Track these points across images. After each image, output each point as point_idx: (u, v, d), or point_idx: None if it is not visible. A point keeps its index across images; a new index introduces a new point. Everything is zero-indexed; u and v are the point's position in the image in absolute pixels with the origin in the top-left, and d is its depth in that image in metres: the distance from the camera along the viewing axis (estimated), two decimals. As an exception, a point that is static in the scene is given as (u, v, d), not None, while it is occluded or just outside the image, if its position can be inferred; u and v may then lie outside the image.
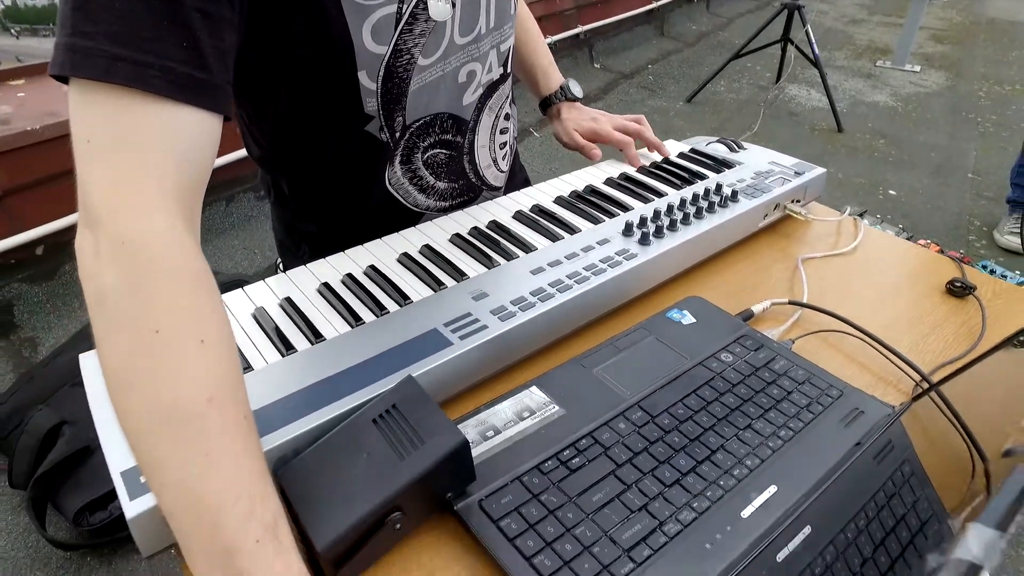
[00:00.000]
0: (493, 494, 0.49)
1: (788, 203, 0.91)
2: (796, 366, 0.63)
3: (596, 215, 0.81)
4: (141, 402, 0.41)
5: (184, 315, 0.42)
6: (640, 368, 0.62)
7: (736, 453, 0.54)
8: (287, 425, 0.51)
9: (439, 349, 0.58)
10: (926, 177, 2.53)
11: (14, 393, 1.23)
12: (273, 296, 0.66)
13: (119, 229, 0.42)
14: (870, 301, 0.79)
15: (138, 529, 0.46)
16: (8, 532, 1.13)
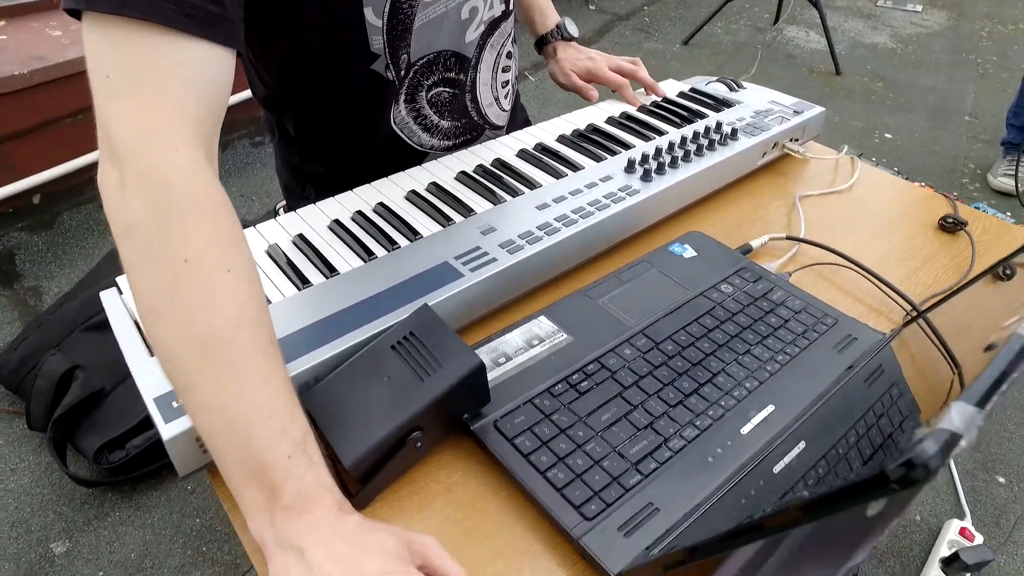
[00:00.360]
0: (507, 415, 0.52)
1: (787, 142, 0.92)
2: (793, 296, 0.66)
3: (598, 153, 0.82)
4: (174, 329, 0.43)
5: (211, 245, 0.43)
6: (644, 299, 0.65)
7: (736, 376, 0.57)
8: (308, 353, 0.53)
9: (451, 281, 0.60)
10: (923, 120, 2.52)
11: (24, 339, 1.25)
12: (285, 233, 0.67)
13: (144, 162, 0.43)
14: (865, 237, 0.81)
15: (174, 450, 0.48)
16: (31, 471, 1.17)
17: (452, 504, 0.50)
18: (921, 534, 1.11)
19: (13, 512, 1.12)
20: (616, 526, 0.45)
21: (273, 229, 0.68)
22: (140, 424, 1.13)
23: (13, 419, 1.26)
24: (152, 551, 1.08)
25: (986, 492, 1.19)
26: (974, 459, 1.25)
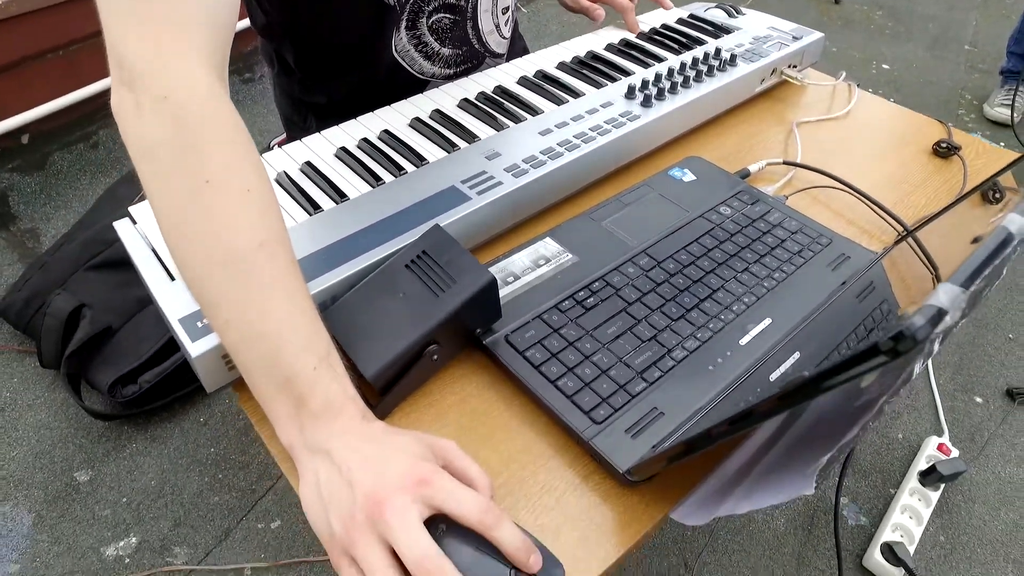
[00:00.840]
0: (517, 330, 0.55)
1: (785, 68, 0.92)
2: (789, 218, 0.68)
3: (598, 80, 0.82)
4: (199, 248, 0.44)
5: (230, 166, 0.44)
6: (645, 221, 0.66)
7: (734, 292, 0.59)
8: (324, 275, 0.55)
9: (458, 204, 0.62)
10: (921, 50, 2.49)
11: (28, 280, 1.26)
12: (292, 161, 0.68)
13: (160, 86, 0.44)
14: (860, 162, 0.82)
15: (201, 368, 0.51)
16: (48, 407, 1.21)
17: (467, 414, 0.53)
18: (902, 451, 1.18)
19: (35, 445, 1.16)
20: (623, 429, 0.48)
21: (280, 158, 0.69)
22: (151, 359, 1.16)
23: (24, 358, 1.28)
24: (170, 479, 1.12)
25: (964, 411, 1.25)
26: (955, 381, 1.31)
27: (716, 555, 1.04)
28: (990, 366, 1.34)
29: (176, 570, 1.02)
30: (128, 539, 1.05)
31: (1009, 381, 1.30)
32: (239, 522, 1.07)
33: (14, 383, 1.25)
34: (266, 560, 1.03)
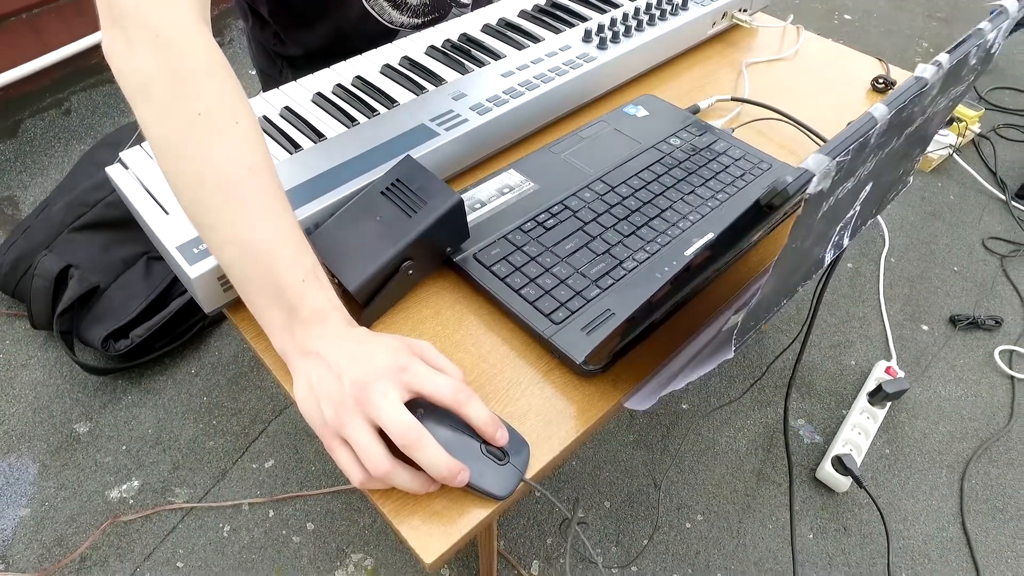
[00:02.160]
0: (484, 248, 0.61)
1: (736, 12, 0.97)
2: (734, 147, 0.74)
3: (556, 26, 0.87)
4: (194, 174, 0.49)
5: (219, 100, 0.49)
6: (601, 152, 0.72)
7: (681, 211, 0.65)
8: (305, 205, 0.60)
9: (427, 139, 0.67)
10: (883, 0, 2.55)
11: (12, 243, 1.28)
12: (271, 107, 0.72)
13: (151, 24, 0.48)
14: (804, 98, 0.88)
15: (199, 289, 0.56)
16: (42, 365, 1.25)
17: (440, 324, 0.59)
18: (855, 376, 1.27)
19: (32, 401, 1.20)
20: (579, 327, 0.55)
21: (259, 104, 0.73)
22: (140, 315, 1.20)
23: (14, 321, 1.32)
24: (167, 427, 1.18)
25: (911, 338, 1.35)
26: (904, 311, 1.40)
27: (683, 474, 1.12)
28: (936, 296, 1.43)
29: (178, 507, 1.08)
30: (130, 482, 1.11)
31: (952, 310, 1.40)
32: (234, 463, 1.13)
33: (6, 345, 1.29)
34: (262, 495, 1.09)
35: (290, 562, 1.02)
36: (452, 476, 0.44)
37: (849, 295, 1.41)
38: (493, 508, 0.47)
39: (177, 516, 1.07)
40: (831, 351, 1.30)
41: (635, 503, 1.08)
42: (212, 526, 1.06)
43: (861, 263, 1.48)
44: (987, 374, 1.28)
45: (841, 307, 1.38)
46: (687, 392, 1.22)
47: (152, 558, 1.03)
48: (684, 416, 1.19)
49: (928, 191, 1.68)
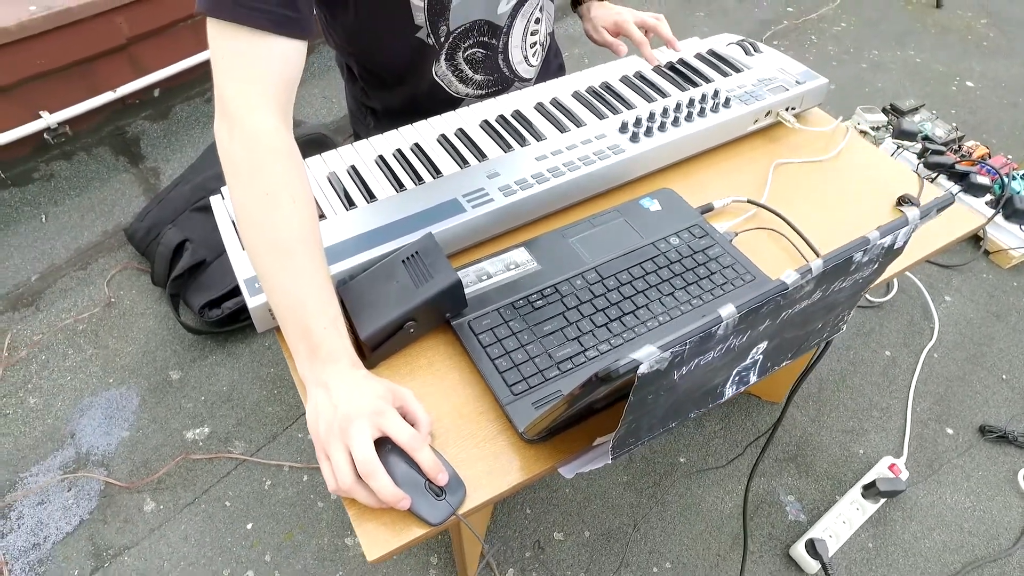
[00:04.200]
0: (478, 317, 0.74)
1: (781, 110, 1.03)
2: (727, 254, 0.82)
3: (601, 110, 0.97)
4: (258, 237, 0.65)
5: (283, 183, 0.65)
6: (605, 241, 0.83)
7: (653, 311, 0.75)
8: (349, 257, 0.75)
9: (455, 214, 0.80)
10: (1016, 67, 2.38)
11: (149, 212, 1.56)
12: (343, 163, 0.89)
13: (245, 123, 0.64)
14: (825, 206, 0.93)
15: (255, 314, 0.73)
16: (155, 316, 1.52)
17: (431, 373, 0.73)
18: (858, 465, 1.29)
19: (143, 344, 1.47)
20: (531, 402, 0.67)
21: (334, 159, 0.89)
22: (232, 290, 1.44)
23: (141, 275, 1.60)
24: (238, 388, 1.41)
25: (931, 439, 1.34)
26: (932, 411, 1.39)
27: (663, 522, 1.21)
28: (972, 401, 1.40)
29: (234, 457, 1.30)
30: (203, 428, 1.35)
31: (985, 419, 1.37)
32: (284, 430, 1.34)
33: (133, 294, 1.57)
34: (300, 462, 1.29)
35: (312, 523, 1.22)
36: (395, 502, 0.58)
37: (878, 384, 1.41)
38: (427, 531, 0.61)
39: (232, 464, 1.30)
40: (842, 436, 1.33)
41: (612, 539, 1.18)
42: (257, 478, 1.27)
43: (900, 353, 1.47)
44: (1004, 492, 1.26)
45: (866, 394, 1.39)
46: (687, 446, 1.30)
47: (208, 493, 1.26)
48: (679, 468, 1.27)
49: (1000, 289, 1.62)
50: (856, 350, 1.47)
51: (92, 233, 1.69)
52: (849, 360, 1.45)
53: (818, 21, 2.64)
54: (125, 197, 1.76)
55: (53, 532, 1.20)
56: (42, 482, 1.27)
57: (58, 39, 1.54)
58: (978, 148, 1.87)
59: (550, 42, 1.10)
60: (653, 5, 2.72)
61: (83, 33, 1.58)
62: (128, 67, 1.72)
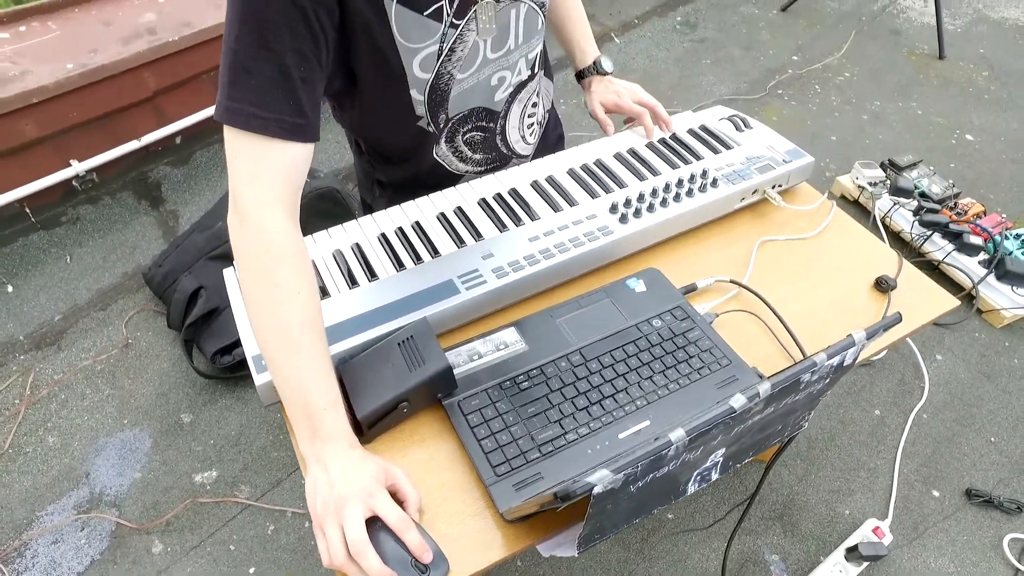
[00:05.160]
0: (467, 398, 0.79)
1: (768, 188, 1.08)
2: (706, 337, 0.87)
3: (595, 188, 1.02)
4: (264, 323, 0.71)
5: (289, 277, 0.71)
6: (591, 322, 0.88)
7: (632, 395, 0.80)
8: (350, 337, 0.81)
9: (450, 296, 0.86)
10: (1016, 122, 2.42)
11: (167, 257, 1.64)
12: (347, 239, 0.95)
13: (255, 220, 0.71)
14: (806, 285, 0.97)
15: (261, 391, 0.79)
16: (169, 358, 1.59)
17: (422, 450, 0.78)
18: (844, 526, 1.32)
19: (158, 386, 1.54)
20: (513, 483, 0.72)
21: (340, 235, 0.96)
22: (244, 336, 1.50)
23: (158, 317, 1.67)
24: (246, 432, 1.47)
25: (917, 501, 1.36)
26: (919, 472, 1.41)
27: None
28: (960, 464, 1.43)
29: (239, 502, 1.36)
30: (210, 472, 1.40)
31: (972, 482, 1.39)
32: (289, 475, 1.40)
33: (149, 336, 1.64)
34: (302, 508, 1.35)
35: (311, 569, 1.26)
36: (381, 579, 0.64)
37: (866, 444, 1.44)
38: (411, 604, 0.66)
39: (237, 508, 1.35)
40: (828, 496, 1.36)
41: (600, 594, 1.22)
42: (261, 523, 1.33)
43: (889, 413, 1.50)
44: (989, 558, 1.28)
45: (854, 454, 1.42)
46: (675, 504, 1.33)
47: (213, 537, 1.31)
48: (666, 525, 1.31)
49: (992, 350, 1.65)
50: (846, 409, 1.51)
51: (113, 275, 1.77)
52: (839, 419, 1.49)
53: (822, 71, 2.70)
54: (145, 239, 1.85)
55: (65, 571, 1.26)
56: (57, 521, 1.33)
57: (91, 94, 1.64)
58: (973, 206, 1.91)
59: (549, 117, 1.16)
60: (662, 53, 2.79)
61: (113, 88, 1.67)
62: (153, 117, 1.81)
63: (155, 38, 1.73)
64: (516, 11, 0.88)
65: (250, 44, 0.69)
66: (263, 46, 0.69)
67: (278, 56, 0.70)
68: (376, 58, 0.80)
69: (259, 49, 0.69)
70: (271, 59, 0.69)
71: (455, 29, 0.82)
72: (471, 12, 0.83)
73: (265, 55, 0.69)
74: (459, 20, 0.82)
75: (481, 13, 0.84)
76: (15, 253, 1.76)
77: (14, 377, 1.56)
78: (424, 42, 0.81)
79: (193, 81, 1.83)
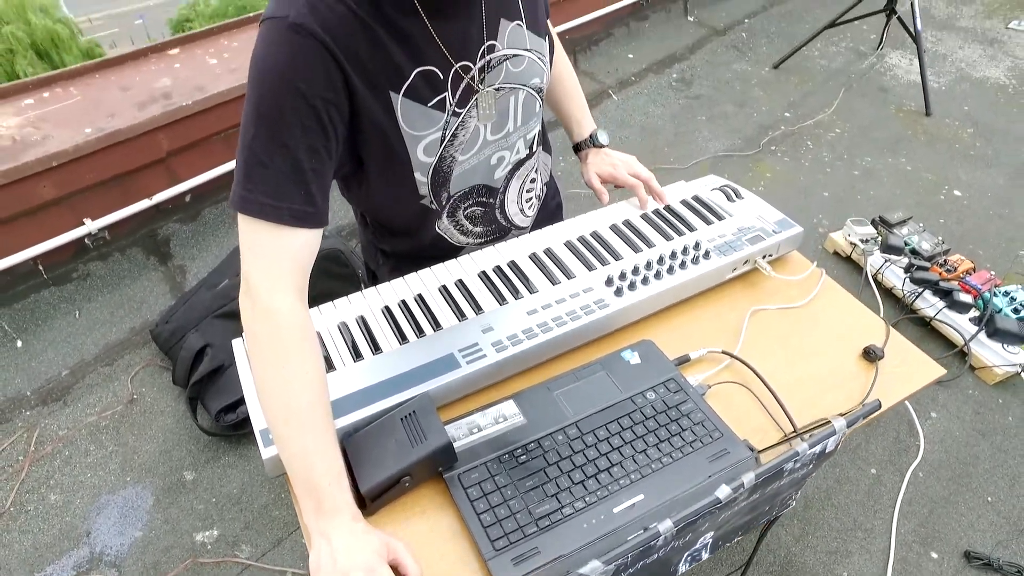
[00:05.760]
0: (467, 471, 0.82)
1: (759, 259, 1.12)
2: (698, 410, 0.90)
3: (591, 261, 1.06)
4: (272, 402, 0.75)
5: (296, 359, 0.74)
6: (587, 395, 0.91)
7: (627, 468, 0.83)
8: (355, 411, 0.84)
9: (451, 370, 0.89)
10: (1002, 178, 2.49)
11: (174, 314, 1.68)
12: (353, 311, 0.98)
13: (265, 302, 0.75)
14: (796, 354, 1.00)
15: (268, 464, 0.82)
16: (173, 415, 1.61)
17: (424, 522, 0.80)
18: (843, 586, 1.32)
19: (162, 443, 1.56)
20: (511, 558, 0.74)
21: (345, 307, 0.99)
22: (248, 394, 1.53)
23: (164, 372, 1.70)
24: (248, 490, 1.48)
25: (915, 563, 1.37)
26: (917, 533, 1.42)
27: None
28: (957, 524, 1.43)
29: (240, 562, 1.36)
30: (212, 531, 1.41)
31: (971, 544, 1.39)
32: (290, 535, 1.40)
33: (154, 391, 1.67)
34: (303, 569, 1.35)
35: (311, 633, 1.26)
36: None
37: (863, 503, 1.45)
38: None
39: (238, 568, 1.36)
40: (826, 557, 1.36)
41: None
42: (261, 585, 1.33)
43: (885, 472, 1.52)
44: (988, 622, 1.28)
45: (851, 514, 1.43)
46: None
47: (214, 599, 1.31)
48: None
49: (985, 407, 1.67)
50: (842, 467, 1.52)
51: (120, 330, 1.81)
52: (835, 478, 1.50)
53: (814, 127, 2.78)
54: (153, 295, 1.89)
55: (64, 634, 1.26)
56: (57, 582, 1.33)
57: (107, 156, 1.71)
58: (963, 262, 1.95)
59: (547, 189, 1.21)
60: (659, 109, 2.89)
61: (129, 150, 1.74)
62: (165, 176, 1.88)
63: (170, 102, 1.81)
64: (515, 97, 0.94)
65: (266, 141, 0.74)
66: (277, 143, 0.74)
67: (291, 152, 0.75)
68: (382, 146, 0.85)
69: (274, 145, 0.74)
70: (285, 155, 0.74)
71: (457, 117, 0.88)
72: (472, 100, 0.88)
73: (279, 151, 0.74)
74: (461, 108, 0.88)
75: (482, 101, 0.89)
76: (27, 309, 1.80)
77: (19, 433, 1.58)
78: (428, 130, 0.87)
79: (204, 142, 1.91)
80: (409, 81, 0.81)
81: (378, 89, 0.79)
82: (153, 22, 10.21)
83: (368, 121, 0.82)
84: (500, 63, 0.89)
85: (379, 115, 0.81)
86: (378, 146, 0.85)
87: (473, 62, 0.86)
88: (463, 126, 0.89)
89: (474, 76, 0.86)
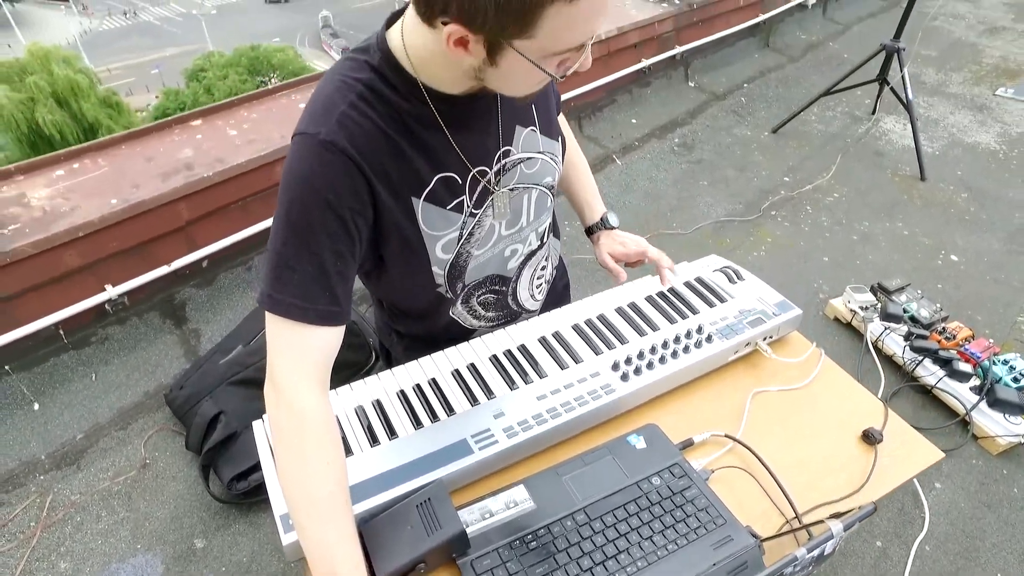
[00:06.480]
0: (479, 557, 0.84)
1: (759, 341, 1.16)
2: (702, 496, 0.93)
3: (598, 345, 1.11)
4: (294, 492, 0.78)
5: (318, 450, 0.78)
6: (595, 479, 0.94)
7: (633, 555, 0.85)
8: (371, 497, 0.87)
9: (464, 456, 0.93)
10: (997, 242, 2.55)
11: (188, 380, 1.72)
12: (370, 394, 1.03)
13: (289, 396, 0.79)
14: (797, 436, 1.03)
15: (288, 549, 0.85)
16: (185, 480, 1.63)
17: (438, 610, 0.83)
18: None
19: (173, 509, 1.58)
20: (521, 649, 0.76)
21: (362, 389, 1.04)
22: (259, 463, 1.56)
23: (177, 437, 1.73)
24: (258, 558, 1.49)
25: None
26: (924, 608, 1.42)
27: None
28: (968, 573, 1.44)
29: (249, 636, 1.37)
30: (221, 602, 1.42)
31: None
32: (299, 607, 1.41)
33: (167, 456, 1.69)
34: (312, 643, 1.35)
35: None
36: None
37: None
38: None
39: (246, 643, 1.36)
40: (834, 637, 1.36)
41: None
42: (269, 660, 1.33)
43: (891, 545, 1.52)
44: None
45: (858, 590, 1.44)
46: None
47: (221, 674, 1.31)
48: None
49: (990, 477, 1.68)
50: (847, 540, 1.53)
51: (135, 393, 1.84)
52: (840, 550, 1.51)
53: (813, 192, 2.86)
54: (168, 358, 1.94)
55: None
56: (65, 655, 1.34)
57: (130, 226, 1.78)
58: (961, 330, 1.99)
59: (556, 272, 1.27)
60: (661, 174, 2.98)
61: (151, 220, 1.81)
62: (184, 243, 1.95)
63: (191, 173, 1.89)
64: (528, 195, 1.00)
65: (294, 246, 0.80)
66: (305, 249, 0.80)
67: (318, 257, 0.80)
68: (403, 245, 0.91)
69: (302, 251, 0.80)
70: (312, 260, 0.80)
71: (474, 217, 0.94)
72: (488, 200, 0.95)
73: (307, 256, 0.80)
74: (477, 209, 0.94)
75: (497, 201, 0.96)
76: (46, 372, 1.84)
77: (32, 498, 1.61)
78: (446, 230, 0.92)
79: (222, 211, 1.98)
80: (430, 187, 0.87)
81: (401, 196, 0.86)
82: (169, 71, 10.60)
83: (391, 224, 0.87)
84: (515, 166, 0.96)
85: (401, 218, 0.87)
86: (398, 245, 0.91)
87: (489, 167, 0.92)
88: (479, 225, 0.95)
89: (490, 179, 0.93)
